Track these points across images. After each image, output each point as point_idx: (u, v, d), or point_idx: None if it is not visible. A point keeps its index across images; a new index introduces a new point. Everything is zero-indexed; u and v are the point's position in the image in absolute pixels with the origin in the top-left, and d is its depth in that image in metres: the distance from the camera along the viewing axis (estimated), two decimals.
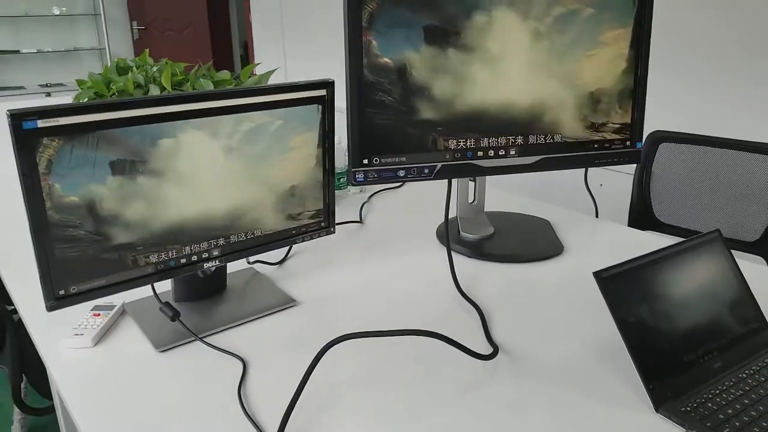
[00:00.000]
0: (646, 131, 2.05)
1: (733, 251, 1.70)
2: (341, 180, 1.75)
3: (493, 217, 1.56)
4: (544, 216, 1.60)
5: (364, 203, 1.70)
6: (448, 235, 1.27)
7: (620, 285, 0.91)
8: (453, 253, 1.39)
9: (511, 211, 1.63)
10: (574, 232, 1.49)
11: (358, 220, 1.59)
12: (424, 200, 1.75)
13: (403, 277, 1.27)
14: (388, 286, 1.23)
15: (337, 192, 1.75)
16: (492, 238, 1.44)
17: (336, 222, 1.56)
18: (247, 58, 5.14)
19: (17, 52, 5.84)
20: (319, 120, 1.14)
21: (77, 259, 0.95)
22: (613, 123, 1.36)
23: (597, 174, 2.75)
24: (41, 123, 0.86)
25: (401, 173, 1.24)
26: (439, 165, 1.26)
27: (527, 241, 1.42)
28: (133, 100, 0.91)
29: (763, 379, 0.90)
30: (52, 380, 0.96)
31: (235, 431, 0.84)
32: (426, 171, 1.26)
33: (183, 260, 1.06)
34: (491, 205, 1.68)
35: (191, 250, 1.06)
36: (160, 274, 1.04)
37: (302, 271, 1.30)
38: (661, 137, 2.07)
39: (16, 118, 0.84)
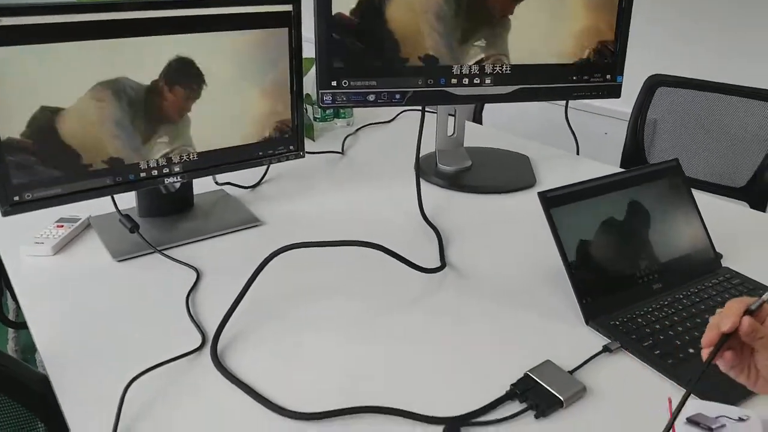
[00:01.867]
0: (644, 76, 2.00)
1: (720, 197, 1.68)
2: (327, 112, 1.74)
3: (473, 151, 1.55)
4: (525, 152, 1.58)
5: (348, 135, 1.69)
6: (418, 162, 1.27)
7: (564, 205, 0.91)
8: (429, 185, 1.39)
9: (494, 146, 1.62)
10: (551, 168, 1.48)
11: (340, 151, 1.59)
12: (411, 135, 1.73)
13: (374, 205, 1.27)
14: (357, 212, 1.24)
15: (322, 124, 1.74)
16: (469, 171, 1.44)
17: (315, 151, 1.56)
18: None
19: None
20: (286, 38, 1.12)
21: (31, 167, 0.96)
22: (594, 55, 1.33)
23: (601, 122, 2.71)
24: None
25: (371, 98, 1.23)
26: (411, 91, 1.25)
27: (502, 175, 1.42)
28: (82, 4, 0.91)
29: (698, 299, 0.91)
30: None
31: (180, 333, 0.86)
32: (397, 96, 1.25)
33: (143, 174, 1.07)
34: (478, 140, 1.66)
35: (151, 164, 1.07)
36: (119, 186, 1.05)
37: (274, 196, 1.31)
38: (659, 81, 2.02)
39: None
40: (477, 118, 2.27)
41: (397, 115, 1.86)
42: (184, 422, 0.71)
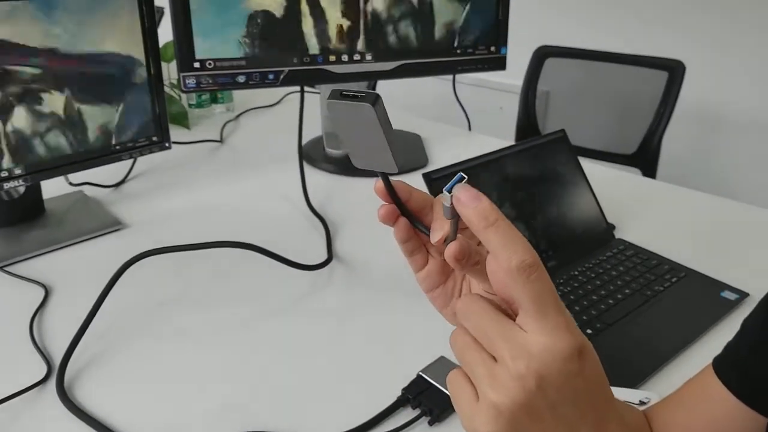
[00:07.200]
0: (534, 46, 1.99)
1: (612, 164, 1.68)
2: (203, 97, 1.60)
3: None
4: (417, 131, 1.51)
5: (228, 122, 1.56)
6: (301, 147, 1.18)
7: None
8: (317, 171, 1.30)
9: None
10: (443, 146, 1.42)
11: (218, 139, 1.46)
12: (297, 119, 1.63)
13: (255, 197, 1.17)
14: (236, 206, 1.13)
15: (199, 111, 1.61)
16: None
17: (189, 141, 1.43)
18: None
19: None
20: (137, 12, 0.99)
21: None
22: (476, 28, 1.28)
23: (495, 96, 2.70)
24: None
25: (241, 79, 1.12)
26: (286, 70, 1.15)
27: None
28: None
29: (593, 275, 0.87)
30: None
31: (22, 365, 0.73)
32: (271, 77, 1.14)
33: None
34: None
35: None
36: None
37: (141, 194, 1.17)
38: (548, 52, 2.01)
39: None
40: None
41: (283, 98, 1.74)
42: None
